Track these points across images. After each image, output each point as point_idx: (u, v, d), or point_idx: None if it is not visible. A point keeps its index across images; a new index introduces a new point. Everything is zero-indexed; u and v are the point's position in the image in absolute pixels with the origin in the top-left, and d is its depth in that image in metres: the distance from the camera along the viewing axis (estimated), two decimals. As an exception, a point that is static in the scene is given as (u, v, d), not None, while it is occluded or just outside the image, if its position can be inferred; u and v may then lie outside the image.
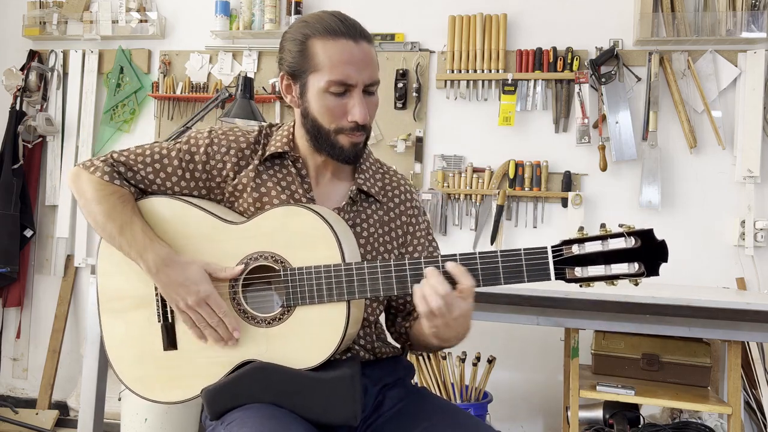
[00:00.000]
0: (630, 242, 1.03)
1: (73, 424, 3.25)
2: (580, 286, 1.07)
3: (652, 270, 1.03)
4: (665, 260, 1.03)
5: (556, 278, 1.06)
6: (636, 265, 1.03)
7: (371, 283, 1.13)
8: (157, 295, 1.24)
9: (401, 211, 1.36)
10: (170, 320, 1.23)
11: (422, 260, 1.12)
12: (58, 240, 3.47)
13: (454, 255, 1.10)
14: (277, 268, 1.17)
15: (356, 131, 1.22)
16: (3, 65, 3.50)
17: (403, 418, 1.23)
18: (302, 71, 1.21)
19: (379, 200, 1.34)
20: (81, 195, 1.25)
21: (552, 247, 1.06)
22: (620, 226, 1.05)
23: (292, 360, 1.15)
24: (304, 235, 1.16)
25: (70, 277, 3.46)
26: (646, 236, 1.03)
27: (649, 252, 1.03)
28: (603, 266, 1.04)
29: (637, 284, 1.05)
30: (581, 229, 1.07)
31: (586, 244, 1.05)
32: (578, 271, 1.05)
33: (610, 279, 1.05)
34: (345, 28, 1.19)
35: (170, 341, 1.23)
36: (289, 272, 1.16)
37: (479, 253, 1.09)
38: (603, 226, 1.06)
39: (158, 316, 1.24)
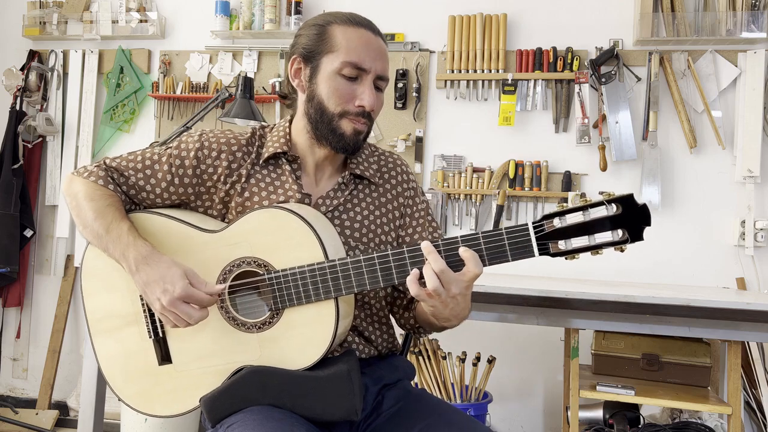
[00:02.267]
0: (611, 209, 1.03)
1: (73, 424, 3.25)
2: (566, 258, 1.06)
3: (635, 235, 1.02)
4: (648, 224, 1.02)
5: (540, 254, 1.06)
6: (619, 231, 1.03)
7: (357, 277, 1.13)
8: (145, 311, 1.23)
9: (398, 192, 1.36)
10: (161, 334, 1.23)
11: (405, 250, 1.11)
12: (58, 240, 3.48)
13: (437, 241, 1.09)
14: (261, 272, 1.16)
15: (361, 117, 1.23)
16: (3, 65, 3.50)
17: (401, 417, 1.23)
18: (317, 53, 1.23)
19: (375, 182, 1.33)
20: (73, 197, 1.25)
21: (533, 223, 1.06)
22: (600, 193, 1.04)
23: (287, 362, 1.15)
24: (284, 236, 1.15)
25: (70, 277, 3.46)
26: (626, 202, 1.02)
27: (631, 217, 1.02)
28: (586, 237, 1.04)
29: (622, 251, 1.04)
30: (561, 201, 1.07)
31: (567, 216, 1.04)
32: (562, 245, 1.05)
33: (595, 249, 1.04)
34: (366, 21, 1.25)
35: (164, 355, 1.23)
36: (273, 276, 1.15)
37: (461, 236, 1.08)
38: (583, 195, 1.05)
39: (149, 332, 1.23)
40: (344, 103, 1.22)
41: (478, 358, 2.63)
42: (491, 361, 2.65)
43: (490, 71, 3.06)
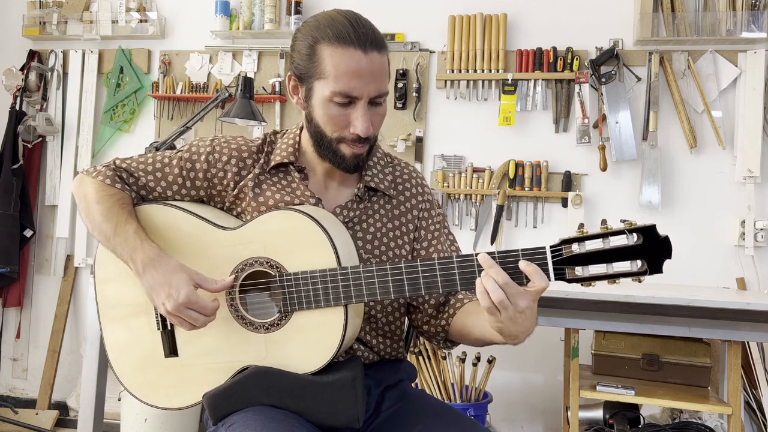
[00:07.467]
0: (632, 239, 0.99)
1: (73, 424, 3.25)
2: (582, 285, 1.03)
3: (655, 267, 0.99)
4: (669, 257, 0.98)
5: (556, 279, 1.03)
6: (639, 262, 0.99)
7: (368, 287, 1.12)
8: None
9: (412, 205, 1.34)
10: (170, 327, 1.23)
11: (418, 263, 1.10)
12: (58, 240, 3.47)
13: (451, 257, 1.08)
14: (272, 273, 1.16)
15: (358, 143, 1.20)
16: (3, 65, 3.50)
17: (400, 418, 1.23)
18: (309, 75, 1.19)
19: (389, 194, 1.31)
20: (83, 198, 1.25)
21: (551, 246, 1.02)
22: (622, 221, 1.01)
23: (292, 365, 1.14)
24: (298, 239, 1.15)
25: (70, 277, 3.46)
26: (648, 233, 0.99)
27: (651, 249, 0.99)
28: (604, 265, 1.00)
29: (640, 281, 1.01)
30: (581, 226, 1.03)
31: (587, 242, 1.01)
32: (578, 271, 1.01)
33: (612, 278, 1.01)
34: (356, 36, 1.14)
35: (171, 348, 1.23)
36: (285, 278, 1.15)
37: (476, 254, 1.06)
38: (604, 222, 1.02)
39: (157, 323, 1.23)
40: (340, 129, 1.19)
41: (478, 358, 2.63)
42: (491, 361, 2.65)
43: (490, 71, 3.06)
